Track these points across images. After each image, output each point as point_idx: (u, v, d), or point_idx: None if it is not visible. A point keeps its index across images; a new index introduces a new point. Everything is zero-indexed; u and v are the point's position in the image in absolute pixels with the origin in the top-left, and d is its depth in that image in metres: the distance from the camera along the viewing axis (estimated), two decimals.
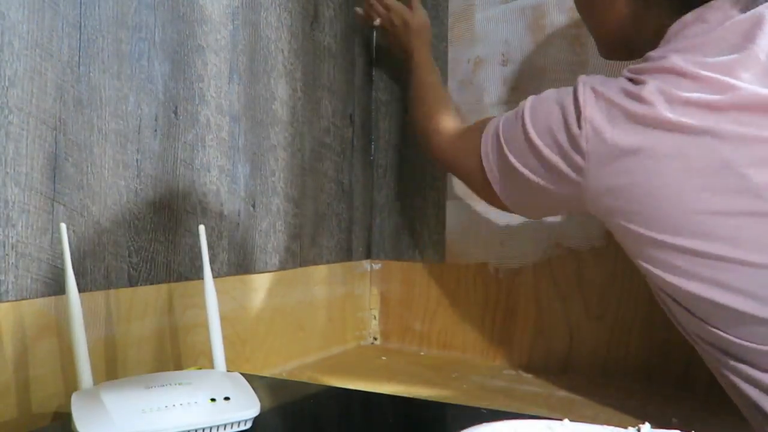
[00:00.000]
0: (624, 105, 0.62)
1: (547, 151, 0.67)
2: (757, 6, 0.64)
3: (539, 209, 0.78)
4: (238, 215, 0.85)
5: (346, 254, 1.08)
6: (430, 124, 0.87)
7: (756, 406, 0.64)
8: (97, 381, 0.60)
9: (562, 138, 0.66)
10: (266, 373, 0.89)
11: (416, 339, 1.10)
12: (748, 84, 0.59)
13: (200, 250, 0.70)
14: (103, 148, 0.67)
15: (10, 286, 0.59)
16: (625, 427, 0.56)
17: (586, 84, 0.66)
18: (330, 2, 1.02)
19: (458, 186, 1.06)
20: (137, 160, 0.71)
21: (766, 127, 0.58)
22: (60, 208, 0.63)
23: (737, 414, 0.79)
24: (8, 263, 0.58)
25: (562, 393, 0.86)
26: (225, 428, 0.55)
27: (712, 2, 0.64)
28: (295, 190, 0.95)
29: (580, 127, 0.64)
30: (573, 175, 0.66)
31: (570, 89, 0.68)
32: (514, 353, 1.01)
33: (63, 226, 0.60)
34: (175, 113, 0.75)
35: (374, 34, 1.14)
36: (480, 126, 0.77)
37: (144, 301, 0.71)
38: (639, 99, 0.62)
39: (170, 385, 0.58)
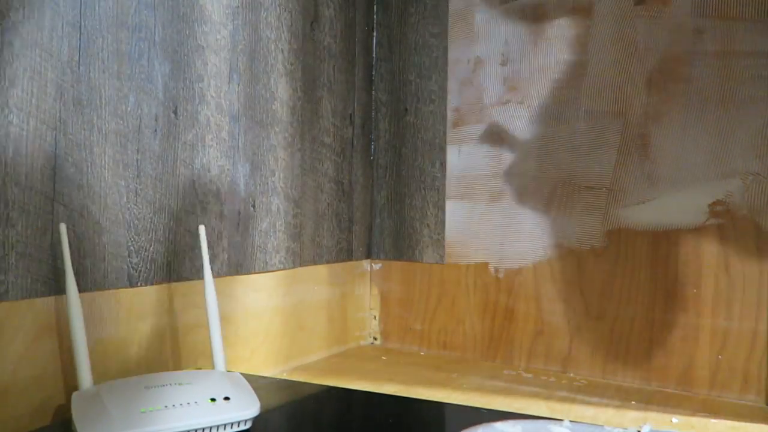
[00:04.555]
0: None
1: None
2: None
3: None
4: (238, 215, 0.85)
5: (346, 254, 1.08)
6: None
7: None
8: (97, 381, 0.60)
9: None
10: (266, 373, 0.88)
11: (416, 339, 1.10)
12: None
13: (200, 250, 0.70)
14: (103, 148, 0.67)
15: (10, 286, 0.59)
16: (625, 427, 0.56)
17: None
18: (330, 2, 1.02)
19: (458, 186, 1.06)
20: (137, 160, 0.71)
21: None
22: (60, 208, 0.63)
23: (737, 414, 0.79)
24: (8, 263, 0.58)
25: (562, 393, 0.86)
26: (225, 428, 0.55)
27: None
28: (295, 190, 0.95)
29: None
30: None
31: None
32: (514, 353, 1.01)
33: (63, 226, 0.60)
34: (175, 113, 0.75)
35: (374, 34, 1.14)
36: None
37: (144, 301, 0.71)
38: None
39: (170, 385, 0.58)
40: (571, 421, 0.58)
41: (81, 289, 0.64)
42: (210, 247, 0.80)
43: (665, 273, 0.90)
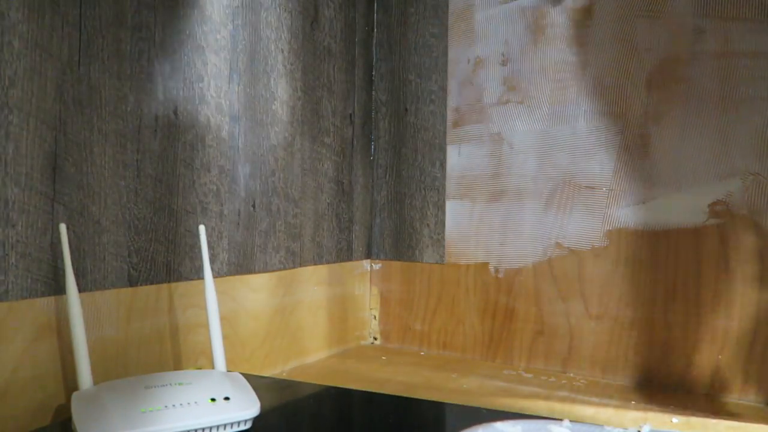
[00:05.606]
0: None
1: None
2: None
3: None
4: (238, 215, 0.85)
5: (346, 254, 1.08)
6: None
7: None
8: (97, 381, 0.60)
9: None
10: (266, 373, 0.88)
11: (416, 339, 1.10)
12: None
13: (200, 250, 0.70)
14: (103, 148, 0.67)
15: (10, 286, 0.59)
16: (625, 427, 0.56)
17: None
18: (330, 2, 1.02)
19: (458, 186, 1.06)
20: (137, 160, 0.71)
21: None
22: (60, 208, 0.63)
23: (737, 414, 0.79)
24: (8, 263, 0.58)
25: (562, 393, 0.86)
26: (225, 428, 0.55)
27: None
28: (295, 190, 0.95)
29: None
30: None
31: None
32: (514, 353, 1.01)
33: (63, 226, 0.60)
34: (175, 113, 0.75)
35: (374, 34, 1.14)
36: None
37: (144, 301, 0.71)
38: None
39: (170, 385, 0.58)
40: (571, 421, 0.58)
41: (81, 289, 0.64)
42: (210, 247, 0.80)
43: (665, 273, 0.90)
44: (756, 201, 0.84)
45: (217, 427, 0.55)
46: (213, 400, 0.56)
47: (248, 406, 0.57)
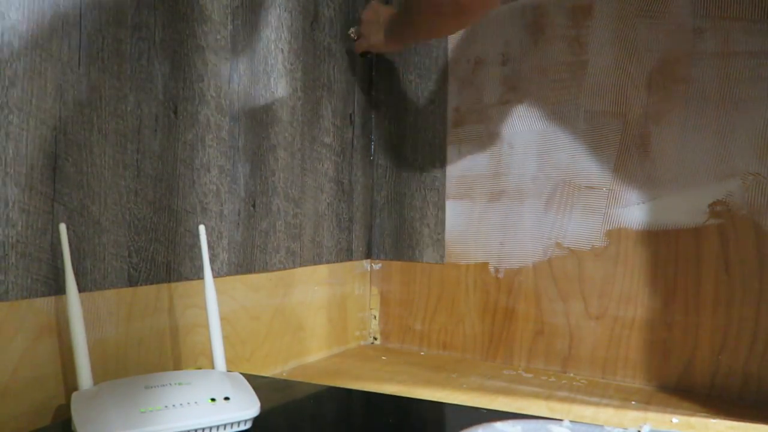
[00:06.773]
0: None
1: None
2: None
3: None
4: (238, 215, 0.85)
5: (346, 254, 1.08)
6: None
7: None
8: (97, 381, 0.60)
9: None
10: (266, 373, 0.88)
11: (416, 339, 1.10)
12: None
13: (200, 250, 0.71)
14: (103, 148, 0.67)
15: (10, 286, 0.59)
16: (625, 427, 0.56)
17: None
18: (330, 2, 1.02)
19: (458, 186, 1.06)
20: (137, 160, 0.71)
21: None
22: (60, 208, 0.63)
23: (737, 414, 0.79)
24: (8, 263, 0.58)
25: (562, 393, 0.86)
26: (225, 428, 0.55)
27: None
28: (295, 190, 0.95)
29: None
30: None
31: None
32: (514, 353, 1.01)
33: (63, 226, 0.60)
34: (175, 113, 0.75)
35: None
36: None
37: (144, 301, 0.71)
38: None
39: (170, 385, 0.58)
40: (571, 421, 0.58)
41: (81, 289, 0.64)
42: (210, 247, 0.80)
43: (665, 273, 0.90)
44: (756, 201, 0.84)
45: (217, 427, 0.55)
46: (213, 400, 0.56)
47: (248, 406, 0.57)
